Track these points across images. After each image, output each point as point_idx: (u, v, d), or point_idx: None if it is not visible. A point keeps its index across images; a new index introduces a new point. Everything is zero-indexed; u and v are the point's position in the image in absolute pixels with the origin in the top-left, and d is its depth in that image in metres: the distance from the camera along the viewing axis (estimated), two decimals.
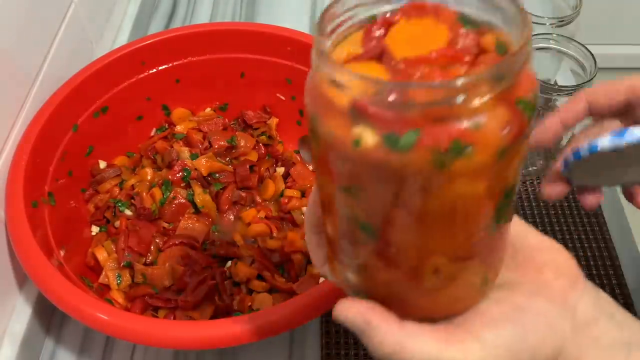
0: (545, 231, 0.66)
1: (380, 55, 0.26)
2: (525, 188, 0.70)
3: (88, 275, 0.58)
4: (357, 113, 0.24)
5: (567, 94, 0.58)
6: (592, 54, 0.59)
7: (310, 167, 0.70)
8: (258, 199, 0.66)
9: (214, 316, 0.56)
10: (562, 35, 0.61)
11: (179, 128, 0.69)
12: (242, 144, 0.68)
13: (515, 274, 0.31)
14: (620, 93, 0.40)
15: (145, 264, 0.59)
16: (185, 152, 0.66)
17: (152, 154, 0.68)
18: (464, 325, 0.29)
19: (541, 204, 0.68)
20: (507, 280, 0.31)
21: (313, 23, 0.92)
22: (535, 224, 0.67)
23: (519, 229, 0.32)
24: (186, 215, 0.63)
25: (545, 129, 0.42)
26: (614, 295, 0.61)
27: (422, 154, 0.23)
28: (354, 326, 0.29)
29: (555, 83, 0.73)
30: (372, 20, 0.28)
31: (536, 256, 0.31)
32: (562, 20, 0.65)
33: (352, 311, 0.29)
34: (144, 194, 0.63)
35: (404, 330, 0.28)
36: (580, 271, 0.31)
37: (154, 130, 0.71)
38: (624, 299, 0.61)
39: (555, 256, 0.31)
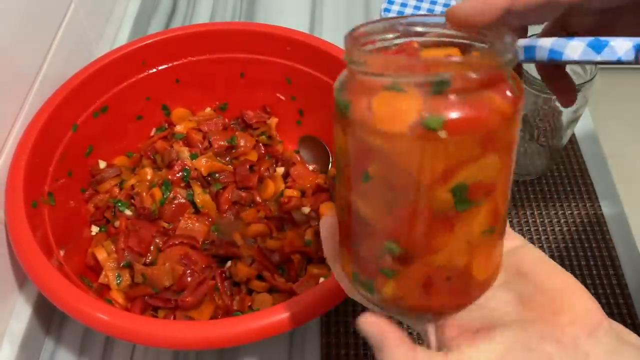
0: (544, 231, 0.66)
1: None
2: (525, 188, 0.70)
3: (88, 275, 0.58)
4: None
5: None
6: None
7: (310, 167, 0.70)
8: (258, 199, 0.66)
9: (214, 316, 0.57)
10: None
11: (178, 128, 0.69)
12: (242, 144, 0.68)
13: (532, 313, 0.31)
14: None
15: (145, 264, 0.59)
16: (185, 152, 0.66)
17: (152, 154, 0.68)
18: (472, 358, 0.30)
19: (541, 204, 0.68)
20: (523, 318, 0.31)
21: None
22: (534, 224, 0.67)
23: (548, 267, 0.32)
24: (186, 215, 0.63)
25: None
26: (614, 296, 0.61)
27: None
28: (371, 339, 0.31)
29: None
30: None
31: (557, 298, 0.31)
32: None
33: (372, 325, 0.31)
34: (144, 194, 0.63)
35: (414, 354, 0.30)
36: (602, 318, 0.31)
37: (153, 130, 0.71)
38: (624, 299, 0.61)
39: (577, 301, 0.31)
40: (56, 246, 0.55)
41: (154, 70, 0.67)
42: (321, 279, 0.58)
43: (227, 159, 0.68)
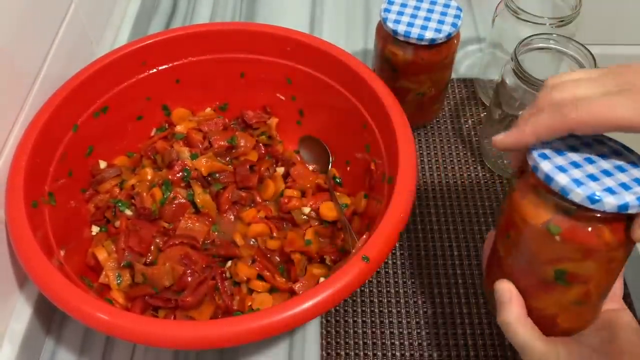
0: None
1: None
2: None
3: (88, 275, 0.58)
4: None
5: None
6: (592, 54, 0.59)
7: (310, 167, 0.70)
8: (258, 199, 0.67)
9: (214, 316, 0.57)
10: (562, 35, 0.61)
11: (179, 128, 0.69)
12: (242, 144, 0.68)
13: (604, 352, 0.42)
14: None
15: (145, 264, 0.59)
16: (185, 152, 0.66)
17: (152, 154, 0.68)
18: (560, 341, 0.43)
19: None
20: (597, 349, 0.42)
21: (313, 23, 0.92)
22: None
23: (631, 331, 0.43)
24: (186, 215, 0.63)
25: (518, 143, 0.42)
26: None
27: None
28: (501, 296, 0.43)
29: None
30: None
31: (628, 354, 0.41)
32: (562, 20, 0.65)
33: (507, 289, 0.44)
34: (144, 194, 0.63)
35: (525, 320, 0.43)
36: None
37: (154, 130, 0.71)
38: (624, 299, 0.61)
39: None
40: (56, 246, 0.55)
41: (154, 70, 0.67)
42: (321, 279, 0.58)
43: (227, 159, 0.68)
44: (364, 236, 0.54)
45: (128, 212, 0.63)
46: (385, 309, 0.61)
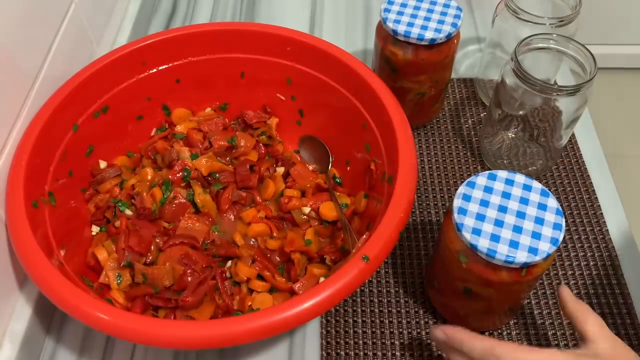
0: None
1: None
2: None
3: (88, 275, 0.58)
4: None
5: (567, 93, 0.58)
6: (592, 54, 0.59)
7: (310, 167, 0.70)
8: (258, 199, 0.67)
9: (214, 316, 0.57)
10: (562, 35, 0.61)
11: (179, 128, 0.69)
12: (242, 144, 0.68)
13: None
14: None
15: (145, 264, 0.59)
16: (185, 152, 0.66)
17: (152, 154, 0.68)
18: None
19: None
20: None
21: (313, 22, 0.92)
22: None
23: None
24: (186, 215, 0.63)
25: (441, 340, 0.50)
26: (613, 296, 0.61)
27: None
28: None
29: (555, 83, 0.73)
30: None
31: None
32: (562, 20, 0.65)
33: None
34: (144, 193, 0.63)
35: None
36: None
37: (154, 130, 0.71)
38: (624, 299, 0.61)
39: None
40: (57, 246, 0.55)
41: (155, 70, 0.67)
42: (321, 279, 0.58)
43: (227, 159, 0.68)
44: (364, 236, 0.54)
45: (128, 212, 0.63)
46: (385, 309, 0.61)
